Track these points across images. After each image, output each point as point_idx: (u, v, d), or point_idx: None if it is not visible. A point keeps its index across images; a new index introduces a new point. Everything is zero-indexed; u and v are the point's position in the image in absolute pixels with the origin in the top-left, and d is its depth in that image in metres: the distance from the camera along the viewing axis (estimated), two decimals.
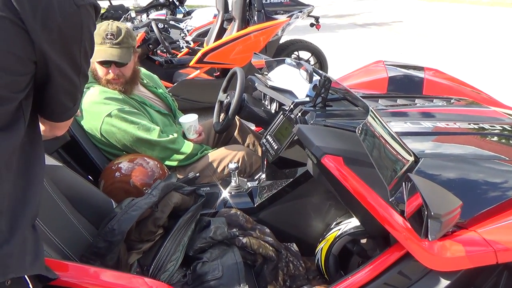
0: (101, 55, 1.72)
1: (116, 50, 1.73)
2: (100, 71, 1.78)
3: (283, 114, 1.60)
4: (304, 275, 1.45)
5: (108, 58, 1.72)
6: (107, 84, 1.79)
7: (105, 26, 1.73)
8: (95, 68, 1.79)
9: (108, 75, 1.77)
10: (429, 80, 2.18)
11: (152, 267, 1.19)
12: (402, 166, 1.09)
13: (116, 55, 1.73)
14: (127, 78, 1.82)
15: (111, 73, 1.76)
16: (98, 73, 1.79)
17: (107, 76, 1.77)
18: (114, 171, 1.51)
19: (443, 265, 0.97)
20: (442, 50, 6.21)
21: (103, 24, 1.76)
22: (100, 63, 1.75)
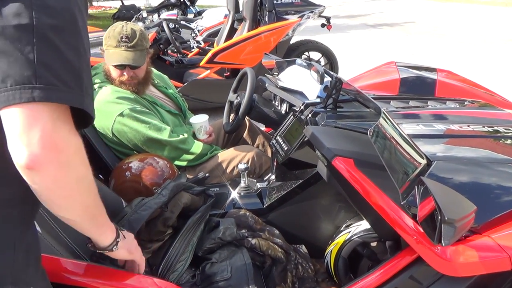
0: (116, 58, 1.74)
1: (131, 53, 1.75)
2: (114, 73, 1.79)
3: (293, 115, 1.59)
4: (313, 277, 1.44)
5: (123, 62, 1.74)
6: (120, 85, 1.81)
7: (120, 29, 1.74)
8: (108, 69, 1.81)
9: (122, 77, 1.79)
10: (441, 82, 2.15)
11: (161, 267, 1.19)
12: (414, 169, 1.07)
13: (131, 58, 1.75)
14: (140, 79, 1.84)
15: (126, 75, 1.78)
16: (112, 74, 1.80)
17: (121, 78, 1.79)
18: (125, 170, 1.51)
19: (456, 271, 0.95)
20: (454, 51, 6.13)
21: (117, 26, 1.77)
22: (117, 66, 1.77)
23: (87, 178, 0.73)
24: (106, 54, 1.77)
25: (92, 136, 1.75)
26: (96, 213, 0.78)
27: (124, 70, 1.78)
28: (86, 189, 0.73)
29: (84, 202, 0.74)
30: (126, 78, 1.79)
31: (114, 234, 0.85)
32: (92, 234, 0.81)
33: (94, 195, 0.76)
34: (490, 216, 0.99)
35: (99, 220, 0.80)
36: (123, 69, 1.78)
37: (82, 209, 0.74)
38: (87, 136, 1.71)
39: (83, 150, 0.71)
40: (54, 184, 0.67)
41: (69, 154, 0.67)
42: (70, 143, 0.67)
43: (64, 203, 0.71)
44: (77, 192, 0.71)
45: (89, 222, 0.78)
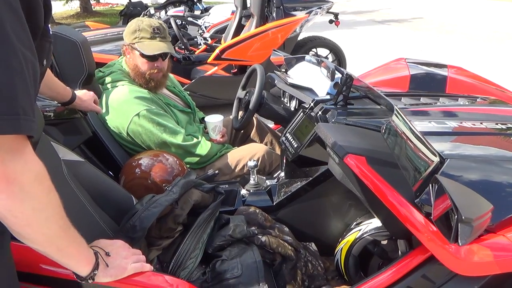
0: (156, 48, 1.78)
1: (167, 43, 1.82)
2: (144, 66, 1.81)
3: (303, 112, 1.58)
4: (323, 275, 1.44)
5: (163, 50, 1.79)
6: (143, 81, 1.82)
7: (148, 21, 1.80)
8: (136, 63, 1.81)
9: (153, 70, 1.81)
10: (452, 78, 2.13)
11: (172, 264, 1.19)
12: (427, 166, 1.06)
13: (168, 47, 1.82)
14: (165, 72, 1.88)
15: (159, 66, 1.82)
16: (141, 69, 1.81)
17: (151, 71, 1.81)
18: (135, 167, 1.52)
19: (470, 270, 0.94)
20: (463, 47, 6.06)
21: (141, 20, 1.82)
22: (150, 58, 1.78)
23: (47, 209, 0.70)
24: (140, 46, 1.78)
25: (103, 133, 1.75)
26: (62, 244, 0.75)
27: (156, 62, 1.81)
28: (45, 220, 0.70)
29: (45, 232, 0.70)
30: (157, 70, 1.82)
31: (91, 265, 0.80)
32: (65, 265, 0.78)
33: (58, 226, 0.72)
34: (505, 215, 0.98)
35: (68, 251, 0.76)
36: (155, 61, 1.80)
37: (45, 240, 0.71)
38: (98, 133, 1.72)
39: (46, 179, 0.69)
40: (8, 213, 0.65)
41: (24, 184, 0.65)
42: (26, 173, 0.65)
43: (23, 232, 0.68)
44: (35, 222, 0.68)
45: (56, 254, 0.75)
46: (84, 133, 1.64)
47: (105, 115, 1.78)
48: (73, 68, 1.68)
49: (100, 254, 0.84)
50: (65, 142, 1.48)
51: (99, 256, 0.83)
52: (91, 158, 1.69)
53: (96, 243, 0.87)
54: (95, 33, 4.07)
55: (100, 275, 0.82)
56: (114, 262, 0.86)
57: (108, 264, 0.85)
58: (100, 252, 0.85)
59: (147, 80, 1.83)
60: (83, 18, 10.75)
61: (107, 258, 0.85)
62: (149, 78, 1.82)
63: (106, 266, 0.84)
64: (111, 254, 0.86)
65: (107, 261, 0.85)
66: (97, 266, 0.82)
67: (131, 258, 0.90)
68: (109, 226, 1.21)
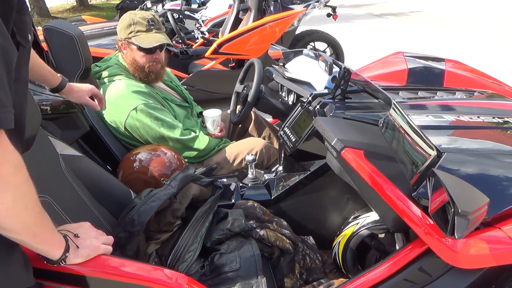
0: (153, 40, 1.77)
1: (162, 34, 1.81)
2: (143, 59, 1.80)
3: (301, 106, 1.58)
4: (320, 268, 1.45)
5: (161, 42, 1.79)
6: (144, 73, 1.81)
7: (141, 14, 1.79)
8: (134, 57, 1.80)
9: (151, 62, 1.81)
10: (450, 72, 2.13)
11: (171, 258, 1.20)
12: (424, 160, 1.07)
13: (165, 38, 1.81)
14: (163, 63, 1.88)
15: (158, 58, 1.82)
16: (140, 63, 1.80)
17: (150, 63, 1.81)
18: (133, 161, 1.52)
19: (466, 263, 0.95)
20: (461, 41, 6.06)
21: (135, 14, 1.80)
22: (148, 51, 1.78)
23: (26, 197, 0.71)
24: (137, 39, 1.77)
25: (100, 127, 1.75)
26: (39, 231, 0.76)
27: (154, 54, 1.80)
28: (24, 208, 0.71)
29: (23, 221, 0.71)
30: (156, 62, 1.82)
31: (62, 248, 0.81)
32: (39, 250, 0.79)
33: (35, 213, 0.73)
34: (501, 208, 0.99)
35: (42, 237, 0.77)
36: (153, 54, 1.80)
37: (22, 228, 0.72)
38: (95, 127, 1.72)
39: (23, 168, 0.69)
40: None
41: (4, 175, 0.65)
42: (5, 164, 0.65)
43: (2, 222, 0.69)
44: (14, 212, 0.69)
45: (32, 240, 0.75)
46: (81, 127, 1.63)
47: (102, 109, 1.77)
48: (70, 62, 1.67)
49: (69, 236, 0.85)
50: (62, 136, 1.48)
51: (68, 239, 0.84)
52: (89, 153, 1.69)
53: (62, 227, 0.88)
54: (92, 27, 4.04)
55: (71, 257, 0.83)
56: (84, 243, 0.87)
57: (78, 245, 0.86)
58: (69, 234, 0.85)
59: (147, 73, 1.82)
60: (79, 12, 10.67)
61: (76, 239, 0.86)
62: (148, 71, 1.82)
63: (76, 247, 0.85)
64: (80, 235, 0.87)
65: (77, 242, 0.86)
66: (68, 249, 0.83)
67: (101, 239, 0.91)
68: (107, 220, 1.21)
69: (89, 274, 0.87)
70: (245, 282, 1.17)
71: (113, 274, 0.88)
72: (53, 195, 1.01)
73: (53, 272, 0.84)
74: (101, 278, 0.87)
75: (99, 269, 0.88)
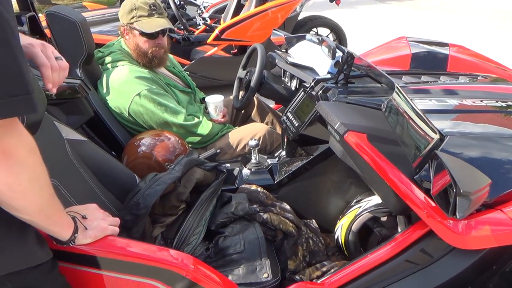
0: (156, 25, 1.77)
1: (165, 19, 1.81)
2: (146, 45, 1.80)
3: (304, 91, 1.58)
4: (323, 251, 1.47)
5: (164, 26, 1.78)
6: (148, 59, 1.81)
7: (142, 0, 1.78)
8: (136, 43, 1.80)
9: (154, 47, 1.81)
10: (453, 57, 2.12)
11: (176, 240, 1.22)
12: (427, 144, 1.07)
13: (167, 23, 1.80)
14: (166, 48, 1.87)
15: (160, 43, 1.81)
16: (143, 48, 1.80)
17: (153, 49, 1.81)
18: (137, 147, 1.53)
19: (467, 244, 0.96)
20: (465, 26, 5.99)
21: None
22: (150, 36, 1.77)
23: (40, 179, 0.72)
24: (139, 25, 1.77)
25: (104, 113, 1.76)
26: (51, 212, 0.78)
27: (157, 39, 1.80)
28: (39, 190, 0.72)
29: (38, 202, 0.73)
30: (159, 47, 1.82)
31: (71, 229, 0.83)
32: (49, 231, 0.81)
33: (48, 195, 0.75)
34: (503, 190, 1.00)
35: (54, 218, 0.79)
36: (155, 38, 1.79)
37: (36, 210, 0.74)
38: (99, 113, 1.72)
39: (37, 151, 0.70)
40: (5, 188, 0.67)
41: (20, 157, 0.66)
42: (20, 146, 0.66)
43: (17, 204, 0.70)
44: (29, 193, 0.70)
45: (44, 222, 0.77)
46: (85, 113, 1.64)
47: (106, 95, 1.78)
48: (73, 48, 1.67)
49: (77, 218, 0.87)
50: (67, 122, 1.49)
51: (77, 220, 0.86)
52: (93, 138, 1.70)
53: (70, 209, 0.89)
54: (93, 14, 4.02)
55: (80, 238, 0.85)
56: (91, 224, 0.89)
57: (87, 226, 0.88)
58: (77, 216, 0.87)
59: (150, 58, 1.82)
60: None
61: (84, 221, 0.88)
62: (152, 56, 1.82)
63: (84, 228, 0.87)
64: (87, 216, 0.89)
65: (85, 223, 0.88)
66: (77, 230, 0.85)
67: (108, 220, 0.93)
68: (113, 204, 1.23)
69: (97, 254, 0.89)
70: (249, 264, 1.19)
71: (120, 254, 0.90)
72: (60, 179, 1.02)
73: (62, 252, 0.87)
74: (109, 258, 0.89)
75: (107, 249, 0.90)
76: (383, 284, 1.12)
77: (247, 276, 1.16)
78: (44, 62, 0.90)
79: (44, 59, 0.90)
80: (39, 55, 0.90)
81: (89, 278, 0.93)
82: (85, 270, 0.91)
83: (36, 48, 0.91)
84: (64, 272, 0.88)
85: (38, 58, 0.90)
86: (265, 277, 1.16)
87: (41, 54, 0.90)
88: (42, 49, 0.92)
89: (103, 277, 0.92)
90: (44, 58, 0.90)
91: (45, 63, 0.90)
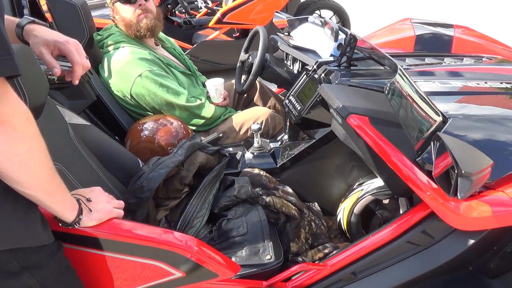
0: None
1: None
2: (129, 12, 1.79)
3: (306, 74, 1.57)
4: (325, 234, 1.48)
5: None
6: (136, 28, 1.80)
7: None
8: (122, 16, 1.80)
9: (137, 11, 1.79)
10: (458, 38, 2.09)
11: (180, 223, 1.23)
12: (429, 126, 1.07)
13: None
14: (155, 14, 1.85)
15: (142, 5, 1.79)
16: (127, 18, 1.79)
17: (135, 13, 1.79)
18: (140, 131, 1.53)
19: (469, 225, 0.97)
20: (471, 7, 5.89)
21: None
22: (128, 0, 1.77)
23: (38, 150, 0.72)
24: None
25: (107, 97, 1.76)
26: (52, 189, 0.77)
27: (135, 5, 1.78)
28: (38, 161, 0.72)
29: (37, 175, 0.72)
30: (142, 11, 1.79)
31: (76, 211, 0.84)
32: (53, 210, 0.81)
33: (48, 169, 0.75)
34: (505, 171, 1.00)
35: (56, 196, 0.79)
36: (134, 4, 1.78)
37: (36, 183, 0.73)
38: (101, 97, 1.73)
39: (34, 122, 0.70)
40: (2, 157, 0.66)
41: (16, 125, 0.66)
42: (16, 114, 0.66)
43: (16, 175, 0.70)
44: (28, 165, 0.70)
45: (46, 198, 0.77)
46: (88, 97, 1.64)
47: (108, 79, 1.78)
48: (74, 31, 1.66)
49: (82, 200, 0.88)
50: (70, 106, 1.49)
51: (81, 202, 0.87)
52: (96, 123, 1.71)
53: (75, 192, 0.90)
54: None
55: (85, 220, 0.86)
56: (96, 207, 0.89)
57: (91, 208, 0.88)
58: (82, 198, 0.88)
59: (139, 28, 1.80)
60: None
61: (89, 203, 0.89)
62: (139, 25, 1.80)
63: (89, 211, 0.88)
64: (92, 199, 0.90)
65: (90, 206, 0.88)
66: (81, 212, 0.85)
67: (113, 203, 0.94)
68: (116, 188, 1.24)
69: (102, 236, 0.90)
70: (252, 246, 1.21)
71: (125, 236, 0.91)
72: (64, 163, 1.03)
73: (67, 234, 0.88)
74: (114, 240, 0.90)
75: (112, 231, 0.91)
76: (385, 265, 1.14)
77: (250, 258, 1.18)
78: (78, 60, 1.00)
79: (78, 57, 1.00)
80: (74, 54, 1.00)
81: (94, 259, 0.94)
82: (90, 252, 0.93)
83: (72, 46, 1.00)
84: (69, 254, 0.89)
85: (74, 56, 1.00)
86: (268, 258, 1.18)
87: (76, 52, 1.00)
88: (76, 47, 1.02)
89: (107, 259, 0.94)
90: (78, 57, 1.00)
91: (79, 61, 1.00)
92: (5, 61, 0.62)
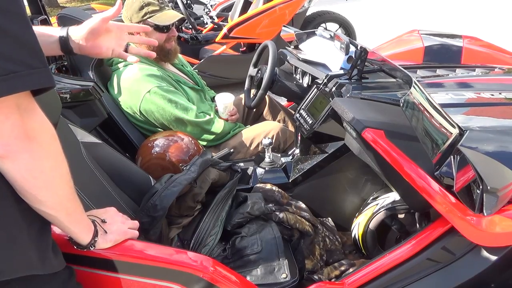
0: (171, 17, 1.82)
1: (173, 11, 1.86)
2: (161, 38, 1.83)
3: (317, 88, 1.56)
4: (340, 250, 1.45)
5: (178, 17, 1.85)
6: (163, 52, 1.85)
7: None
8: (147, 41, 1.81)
9: (168, 40, 1.86)
10: (468, 49, 2.08)
11: (193, 242, 1.21)
12: (446, 139, 1.05)
13: (179, 13, 1.86)
14: (175, 40, 1.93)
15: (174, 34, 1.88)
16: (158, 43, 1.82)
17: (166, 41, 1.86)
18: (151, 148, 1.53)
19: (491, 241, 0.94)
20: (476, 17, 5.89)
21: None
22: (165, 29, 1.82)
23: (61, 168, 0.71)
24: (154, 19, 1.80)
25: (117, 115, 1.76)
26: (72, 208, 0.76)
27: (169, 32, 1.85)
28: (61, 179, 0.71)
29: (59, 194, 0.71)
30: (172, 39, 1.88)
31: (91, 233, 0.82)
32: (70, 231, 0.79)
33: (69, 187, 0.74)
34: None
35: (74, 216, 0.78)
36: (167, 31, 1.84)
37: (57, 202, 0.72)
38: (112, 115, 1.73)
39: (57, 139, 0.69)
40: (28, 174, 0.66)
41: (42, 142, 0.65)
42: (43, 132, 0.66)
43: (40, 194, 0.69)
44: (52, 182, 0.69)
45: (65, 218, 0.75)
46: (99, 115, 1.64)
47: (118, 96, 1.78)
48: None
49: (97, 222, 0.86)
50: (81, 124, 1.49)
51: (96, 224, 0.85)
52: (107, 140, 1.70)
53: (89, 213, 0.88)
54: None
55: (100, 242, 0.84)
56: (111, 228, 0.88)
57: (106, 230, 0.87)
58: (97, 219, 0.86)
59: (166, 52, 1.86)
60: (87, 0, 10.64)
61: (104, 224, 0.87)
62: (168, 49, 1.87)
63: (104, 232, 0.86)
64: (107, 220, 0.88)
65: (105, 227, 0.87)
66: (97, 233, 0.84)
67: (127, 223, 0.93)
68: (128, 206, 1.23)
69: (115, 258, 0.88)
70: (267, 264, 1.18)
71: (139, 257, 0.89)
72: (78, 183, 1.01)
73: (79, 256, 0.86)
74: (127, 261, 0.88)
75: (125, 253, 0.89)
76: (404, 283, 1.10)
77: (265, 277, 1.15)
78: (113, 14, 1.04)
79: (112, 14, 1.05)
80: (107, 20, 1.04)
81: (107, 282, 0.92)
82: (102, 274, 0.91)
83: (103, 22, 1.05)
84: (80, 276, 0.87)
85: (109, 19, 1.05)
86: (284, 277, 1.15)
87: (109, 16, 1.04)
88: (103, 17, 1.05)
89: (121, 281, 0.92)
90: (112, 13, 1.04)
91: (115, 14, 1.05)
92: (44, 72, 0.63)
